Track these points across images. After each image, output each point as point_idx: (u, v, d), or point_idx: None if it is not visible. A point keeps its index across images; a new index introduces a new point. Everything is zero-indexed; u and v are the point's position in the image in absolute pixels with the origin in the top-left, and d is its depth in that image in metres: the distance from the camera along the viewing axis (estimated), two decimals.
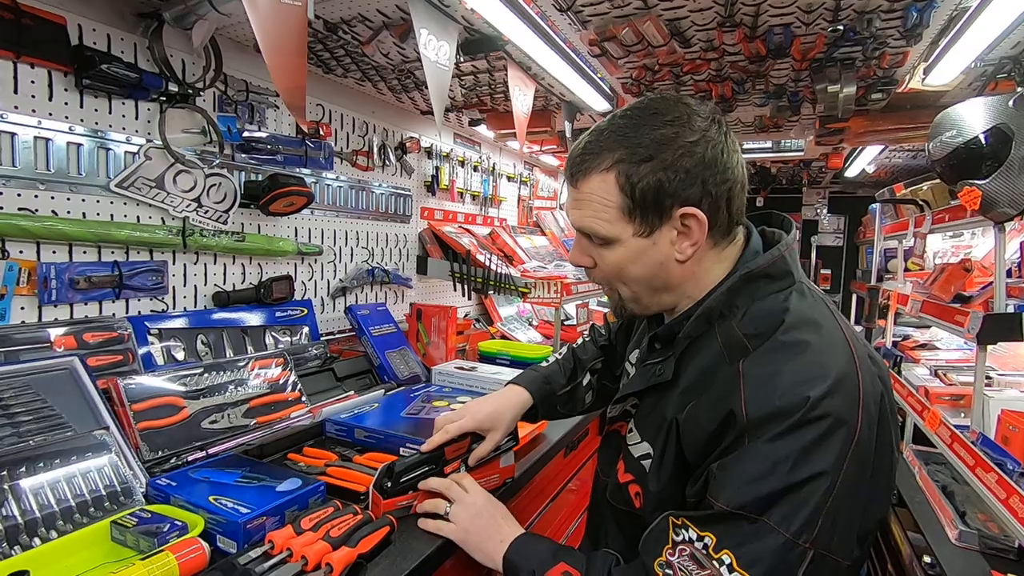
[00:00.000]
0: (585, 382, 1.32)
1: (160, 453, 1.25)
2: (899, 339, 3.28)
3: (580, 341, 1.41)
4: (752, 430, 0.74)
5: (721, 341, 0.83)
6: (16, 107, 1.26)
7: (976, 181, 1.66)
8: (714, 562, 0.72)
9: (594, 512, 1.12)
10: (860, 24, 1.47)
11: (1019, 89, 1.61)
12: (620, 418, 1.02)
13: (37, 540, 0.94)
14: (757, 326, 0.81)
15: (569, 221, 0.93)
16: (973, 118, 1.67)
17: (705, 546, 0.74)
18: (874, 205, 3.49)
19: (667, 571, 0.76)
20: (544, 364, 1.35)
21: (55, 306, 1.36)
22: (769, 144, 3.23)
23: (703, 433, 0.79)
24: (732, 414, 0.75)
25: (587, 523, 1.16)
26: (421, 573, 0.99)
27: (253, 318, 1.80)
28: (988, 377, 2.13)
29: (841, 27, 1.50)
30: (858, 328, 3.75)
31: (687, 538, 0.76)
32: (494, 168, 3.27)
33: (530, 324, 3.34)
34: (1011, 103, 1.61)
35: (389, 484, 1.11)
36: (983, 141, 1.64)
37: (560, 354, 1.37)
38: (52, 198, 1.34)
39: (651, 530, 0.82)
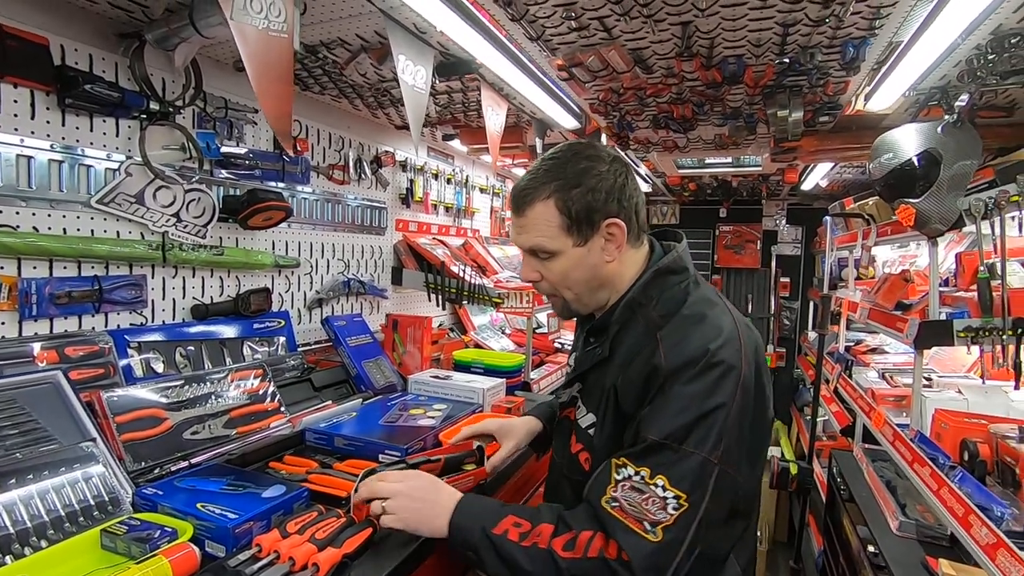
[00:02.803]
0: None
1: (144, 464, 1.28)
2: (852, 343, 3.47)
3: None
4: (670, 377, 0.96)
5: (643, 323, 1.06)
6: None
7: (911, 200, 1.82)
8: (651, 486, 0.92)
9: (551, 492, 1.26)
10: (804, 57, 1.60)
11: (946, 117, 1.76)
12: (569, 404, 1.21)
13: (28, 549, 0.97)
14: (667, 308, 1.05)
15: (516, 244, 1.15)
16: (907, 142, 1.83)
17: (642, 477, 0.93)
18: (827, 217, 3.70)
19: (614, 504, 0.94)
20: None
21: (35, 321, 1.38)
22: (729, 160, 3.40)
23: (635, 389, 1.01)
24: (655, 368, 0.98)
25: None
26: (403, 570, 1.06)
27: (231, 330, 1.83)
28: (928, 379, 2.30)
29: (787, 59, 1.63)
30: (812, 334, 3.95)
31: (627, 475, 0.95)
32: (467, 180, 3.35)
33: (503, 333, 3.41)
34: (939, 129, 1.77)
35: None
36: (916, 163, 1.80)
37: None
38: (33, 214, 1.37)
39: (596, 476, 1.01)
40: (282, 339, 1.99)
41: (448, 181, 3.16)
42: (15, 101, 1.32)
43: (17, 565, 0.92)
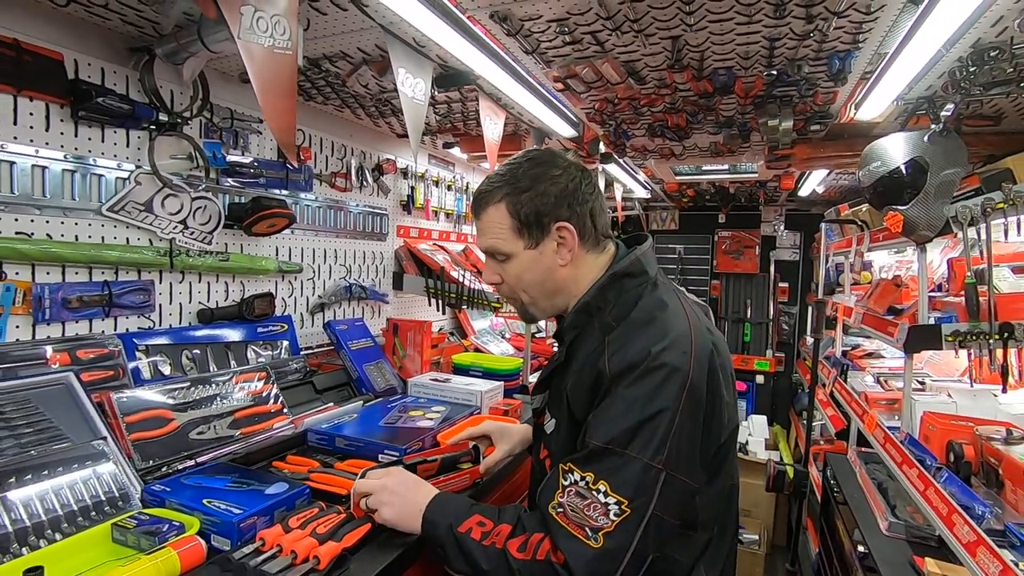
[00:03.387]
0: None
1: (151, 462, 1.33)
2: (849, 348, 3.50)
3: None
4: (614, 381, 0.96)
5: (598, 328, 1.06)
6: (15, 137, 1.35)
7: (899, 207, 1.86)
8: (593, 492, 0.92)
9: (531, 497, 1.27)
10: (791, 69, 1.65)
11: (933, 126, 1.80)
12: (540, 412, 1.22)
13: (43, 542, 1.02)
14: (620, 311, 1.05)
15: (478, 246, 1.18)
16: (895, 151, 1.88)
17: (586, 483, 0.93)
18: (824, 223, 3.74)
19: (559, 510, 0.95)
20: None
21: (48, 324, 1.43)
22: (726, 166, 3.44)
23: (584, 394, 1.02)
24: (600, 373, 0.98)
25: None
26: (400, 563, 1.10)
27: (236, 334, 1.88)
28: (922, 382, 2.34)
29: (775, 71, 1.68)
30: (811, 339, 3.98)
31: (573, 480, 0.95)
32: (467, 187, 3.40)
33: (503, 337, 3.46)
34: (926, 138, 1.82)
35: None
36: (904, 171, 1.84)
37: None
38: (47, 222, 1.42)
39: (546, 481, 1.01)
40: (285, 343, 2.04)
41: (448, 188, 3.22)
42: (31, 113, 1.37)
43: (32, 557, 0.96)
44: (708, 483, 0.99)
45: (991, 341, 1.74)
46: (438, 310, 2.70)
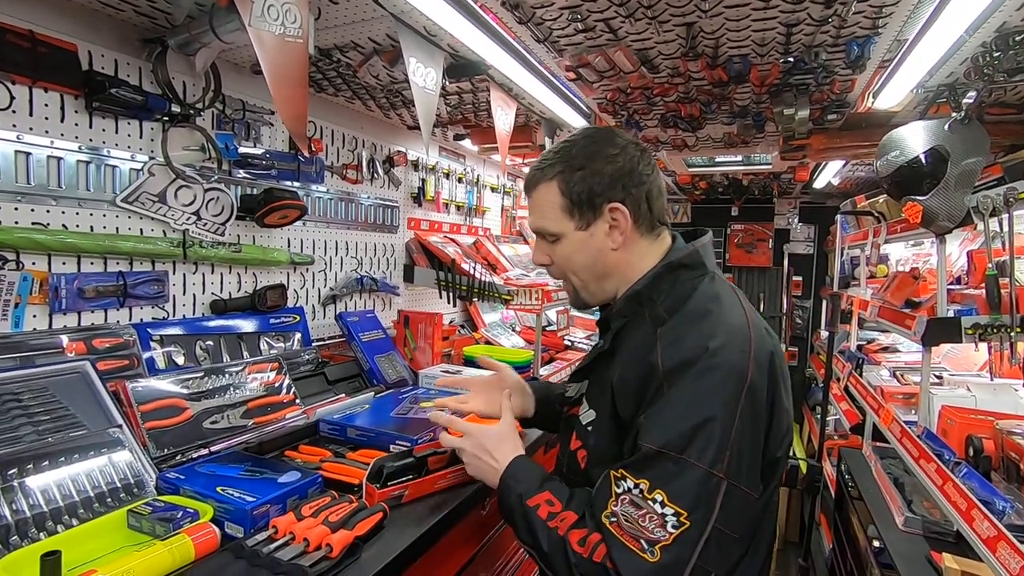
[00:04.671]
0: None
1: (166, 451, 1.34)
2: (864, 342, 3.45)
3: None
4: (668, 378, 0.90)
5: (649, 320, 1.01)
6: (31, 128, 1.36)
7: (918, 197, 1.83)
8: (648, 502, 0.86)
9: None
10: (809, 56, 1.62)
11: (954, 114, 1.76)
12: (576, 402, 1.17)
13: (60, 527, 1.04)
14: (674, 303, 1.00)
15: (528, 226, 1.12)
16: (914, 140, 1.84)
17: (641, 491, 0.87)
18: (839, 215, 3.69)
19: (612, 519, 0.89)
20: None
21: (64, 314, 1.44)
22: (740, 158, 3.40)
23: (632, 389, 0.96)
24: (652, 367, 0.92)
25: None
26: (412, 552, 1.10)
27: (248, 325, 1.89)
28: (939, 376, 2.30)
29: (792, 59, 1.65)
30: (824, 333, 3.93)
31: (626, 488, 0.89)
32: (478, 180, 3.39)
33: (513, 330, 3.45)
34: (946, 127, 1.78)
35: (382, 478, 1.23)
36: (923, 161, 1.80)
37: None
38: (63, 213, 1.43)
39: (597, 488, 0.96)
40: (297, 334, 2.05)
41: (459, 180, 3.21)
42: (46, 105, 1.38)
43: (49, 541, 0.98)
44: (762, 495, 0.93)
45: (1012, 334, 1.70)
46: (449, 302, 2.70)
